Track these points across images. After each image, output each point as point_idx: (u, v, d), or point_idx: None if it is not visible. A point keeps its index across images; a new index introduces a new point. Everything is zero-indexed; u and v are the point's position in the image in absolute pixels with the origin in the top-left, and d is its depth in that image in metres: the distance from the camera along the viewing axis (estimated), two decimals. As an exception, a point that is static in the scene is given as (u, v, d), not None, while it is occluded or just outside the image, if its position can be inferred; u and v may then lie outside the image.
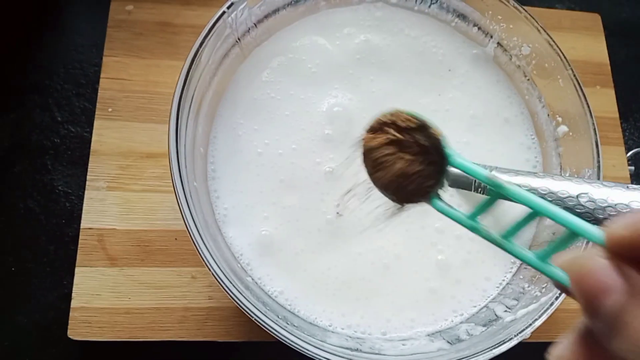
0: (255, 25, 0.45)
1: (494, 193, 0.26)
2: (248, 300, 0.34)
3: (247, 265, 0.41)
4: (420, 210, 0.44)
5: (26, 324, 0.48)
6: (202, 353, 0.49)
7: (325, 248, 0.43)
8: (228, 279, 0.34)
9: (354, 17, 0.50)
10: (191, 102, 0.39)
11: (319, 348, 0.34)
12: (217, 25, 0.40)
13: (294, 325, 0.37)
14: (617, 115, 0.61)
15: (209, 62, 0.41)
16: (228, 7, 0.40)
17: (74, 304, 0.46)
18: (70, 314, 0.46)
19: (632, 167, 0.60)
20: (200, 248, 0.35)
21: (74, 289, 0.46)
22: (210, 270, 0.34)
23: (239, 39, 0.44)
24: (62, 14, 0.59)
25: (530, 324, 0.36)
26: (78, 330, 0.46)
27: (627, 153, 0.61)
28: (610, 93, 0.62)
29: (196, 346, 0.47)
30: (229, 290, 0.34)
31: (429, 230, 0.44)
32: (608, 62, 0.63)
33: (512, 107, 0.49)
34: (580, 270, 0.20)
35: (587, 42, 0.64)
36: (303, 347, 0.34)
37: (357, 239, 0.43)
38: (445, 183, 0.28)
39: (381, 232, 0.43)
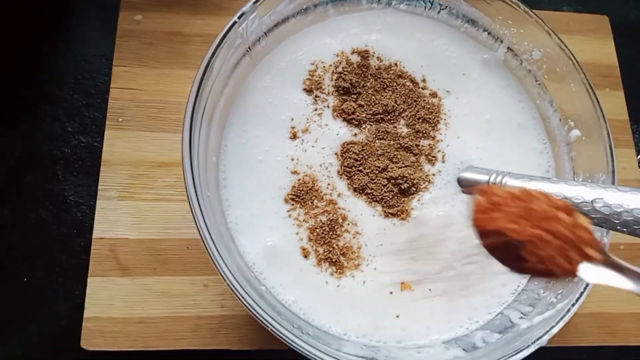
0: (266, 34, 0.45)
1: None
2: (263, 310, 0.34)
3: (260, 274, 0.41)
4: (445, 224, 0.44)
5: (38, 334, 0.48)
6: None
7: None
8: (243, 289, 0.34)
9: (363, 22, 0.50)
10: (203, 112, 0.39)
11: (334, 357, 0.34)
12: (229, 35, 0.40)
13: (309, 334, 0.37)
14: (627, 117, 0.61)
15: (220, 72, 0.41)
16: (239, 17, 0.41)
17: (86, 314, 0.46)
18: (83, 324, 0.46)
19: (644, 170, 0.60)
20: (215, 258, 0.35)
21: (86, 299, 0.46)
22: (225, 280, 0.34)
23: (249, 48, 0.44)
24: (70, 25, 0.59)
25: (548, 331, 0.36)
26: (91, 340, 0.46)
27: (637, 155, 0.60)
28: (620, 95, 0.62)
29: (209, 355, 0.47)
30: (244, 299, 0.34)
31: (450, 242, 0.44)
32: (617, 64, 0.63)
33: (524, 112, 0.49)
34: None
35: (595, 44, 0.63)
36: (318, 357, 0.33)
37: (374, 258, 0.43)
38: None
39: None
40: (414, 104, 0.48)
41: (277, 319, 0.35)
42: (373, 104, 0.47)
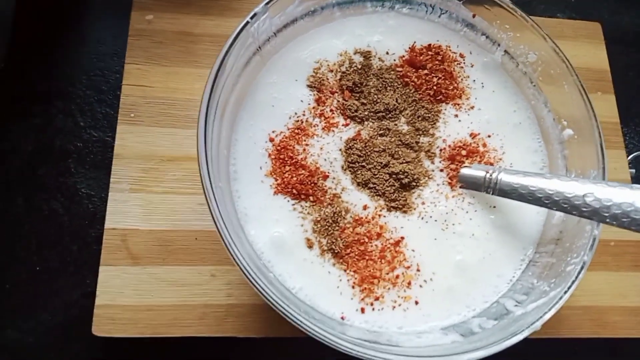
0: (275, 35, 0.48)
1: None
2: (273, 293, 0.36)
3: (268, 262, 0.43)
4: (445, 218, 0.46)
5: (50, 321, 0.50)
6: (221, 350, 0.50)
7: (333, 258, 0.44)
8: (255, 274, 0.36)
9: (367, 24, 0.52)
10: (216, 107, 0.41)
11: (340, 338, 0.36)
12: (241, 34, 0.42)
13: (315, 319, 0.39)
14: (617, 120, 0.63)
15: (232, 69, 0.43)
16: (251, 18, 0.43)
17: (98, 301, 0.47)
18: (95, 311, 0.47)
19: (633, 170, 0.62)
20: (229, 244, 0.36)
21: (98, 287, 0.48)
22: (238, 265, 0.36)
23: (259, 47, 0.46)
24: (84, 24, 0.61)
25: (541, 317, 0.38)
26: (102, 326, 0.47)
27: (628, 156, 0.63)
28: (611, 99, 0.64)
29: (215, 342, 0.49)
30: (257, 283, 0.36)
31: (448, 233, 0.46)
32: (609, 69, 0.65)
33: (520, 112, 0.52)
34: None
35: (588, 50, 0.66)
36: (326, 337, 0.35)
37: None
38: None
39: (405, 244, 0.45)
40: (414, 103, 0.50)
41: (286, 302, 0.36)
42: (375, 102, 0.49)
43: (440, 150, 0.49)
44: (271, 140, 0.47)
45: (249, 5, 0.61)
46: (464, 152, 0.49)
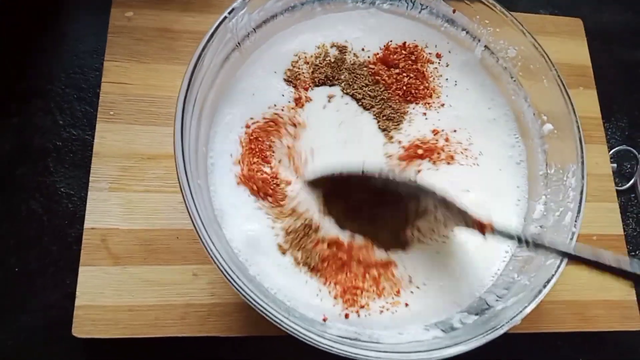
0: (255, 30, 0.47)
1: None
2: (253, 292, 0.36)
3: (245, 261, 0.43)
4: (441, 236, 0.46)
5: (30, 323, 0.49)
6: (203, 350, 0.50)
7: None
8: (234, 272, 0.36)
9: (348, 21, 0.52)
10: (194, 105, 0.41)
11: (321, 336, 0.35)
12: (219, 30, 0.41)
13: (295, 317, 0.39)
14: (599, 115, 0.64)
15: (210, 65, 0.42)
16: (229, 13, 0.42)
17: (78, 302, 0.47)
18: (75, 312, 0.46)
19: (615, 165, 0.63)
20: (207, 244, 0.36)
21: (77, 287, 0.47)
22: (216, 264, 0.36)
23: (239, 43, 0.46)
24: (63, 21, 0.60)
25: (521, 311, 0.38)
26: (82, 328, 0.46)
27: (609, 151, 0.63)
28: (593, 94, 0.65)
29: (198, 343, 0.49)
30: (235, 282, 0.35)
31: (445, 247, 0.46)
32: (590, 64, 0.66)
33: (496, 109, 0.52)
34: None
35: (570, 46, 0.66)
36: (306, 336, 0.35)
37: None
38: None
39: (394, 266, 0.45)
40: (382, 102, 0.50)
41: (265, 300, 0.36)
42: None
43: (400, 147, 0.49)
44: (247, 127, 0.47)
45: (230, 2, 0.59)
46: (420, 152, 0.48)
